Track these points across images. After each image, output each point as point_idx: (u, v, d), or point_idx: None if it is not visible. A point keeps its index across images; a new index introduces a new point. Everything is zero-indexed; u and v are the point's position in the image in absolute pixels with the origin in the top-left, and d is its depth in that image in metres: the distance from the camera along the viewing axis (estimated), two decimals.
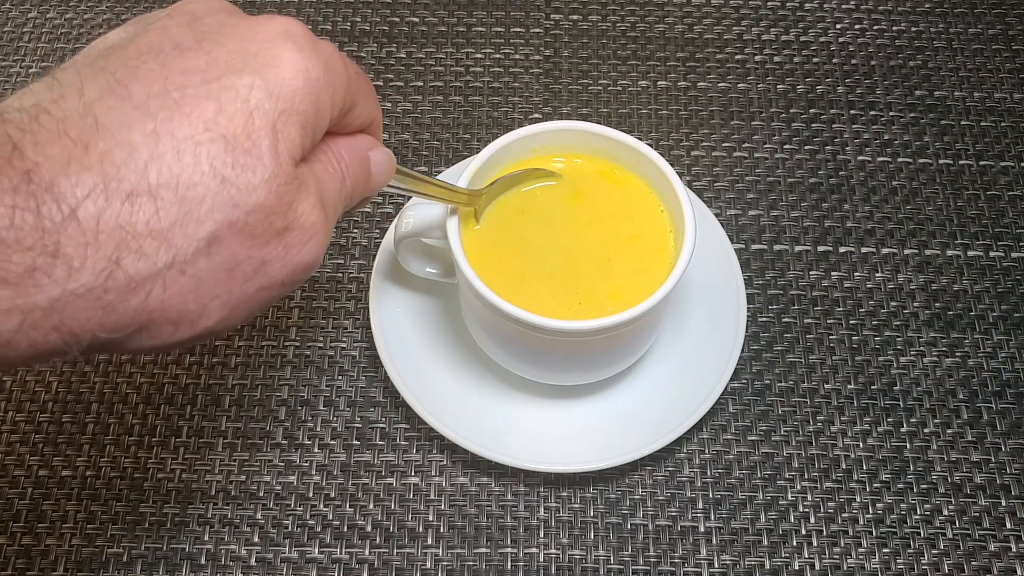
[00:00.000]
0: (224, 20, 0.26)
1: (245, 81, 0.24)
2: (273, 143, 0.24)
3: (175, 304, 0.24)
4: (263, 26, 0.26)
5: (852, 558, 0.41)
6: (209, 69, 0.24)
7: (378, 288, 0.45)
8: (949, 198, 0.51)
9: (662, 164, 0.40)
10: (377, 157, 0.30)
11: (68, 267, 0.22)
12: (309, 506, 0.42)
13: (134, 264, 0.23)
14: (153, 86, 0.24)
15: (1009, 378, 0.46)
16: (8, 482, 0.43)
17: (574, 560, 0.41)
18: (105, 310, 0.23)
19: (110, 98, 0.23)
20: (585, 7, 0.59)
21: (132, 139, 0.23)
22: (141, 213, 0.22)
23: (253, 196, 0.24)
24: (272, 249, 0.25)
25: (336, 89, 0.27)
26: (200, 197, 0.23)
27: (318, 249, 0.26)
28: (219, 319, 0.25)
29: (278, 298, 0.27)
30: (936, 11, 0.59)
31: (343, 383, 0.45)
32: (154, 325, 0.24)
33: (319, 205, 0.26)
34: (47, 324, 0.22)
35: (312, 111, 0.26)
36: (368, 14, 0.58)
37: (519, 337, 0.38)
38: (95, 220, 0.22)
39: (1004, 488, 0.43)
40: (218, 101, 0.24)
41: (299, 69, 0.25)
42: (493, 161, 0.40)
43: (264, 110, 0.24)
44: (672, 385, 0.43)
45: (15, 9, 0.58)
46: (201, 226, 0.23)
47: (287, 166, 0.25)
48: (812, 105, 0.55)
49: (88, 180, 0.22)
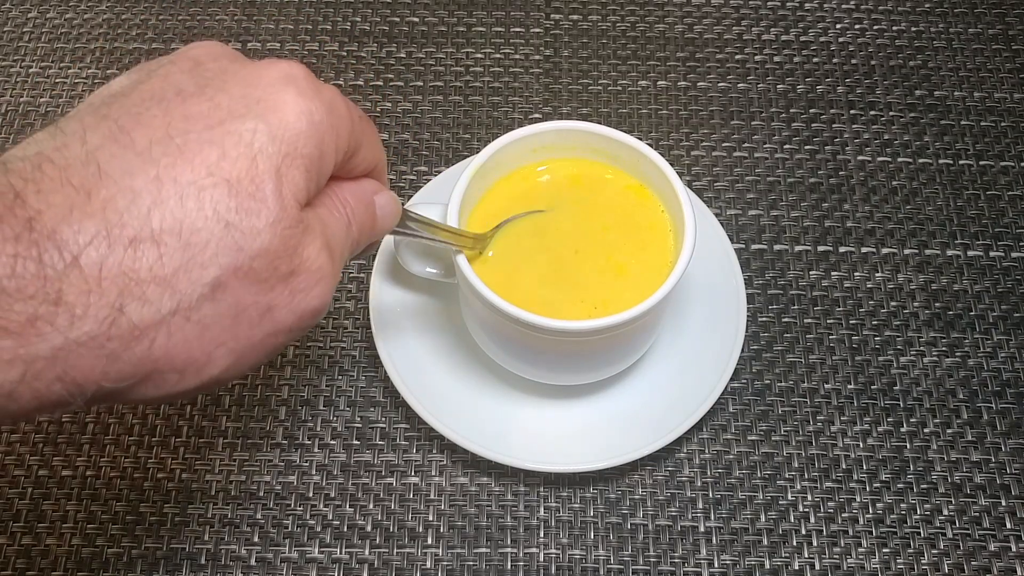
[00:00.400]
0: (227, 66, 0.26)
1: (248, 126, 0.24)
2: (277, 187, 0.24)
3: (180, 352, 0.24)
4: (266, 71, 0.26)
5: (852, 558, 0.41)
6: (212, 115, 0.24)
7: (378, 288, 0.45)
8: (949, 198, 0.51)
9: (662, 164, 0.40)
10: (382, 201, 0.30)
11: (71, 315, 0.22)
12: (309, 506, 0.42)
13: (138, 311, 0.22)
14: (156, 132, 0.23)
15: (1009, 378, 0.46)
16: (8, 482, 0.43)
17: (574, 560, 0.41)
18: (109, 359, 0.22)
19: (113, 145, 0.23)
20: (585, 7, 0.59)
21: (135, 185, 0.23)
22: (144, 259, 0.22)
23: (258, 240, 0.24)
24: (278, 294, 0.25)
25: (339, 132, 0.26)
26: (204, 242, 0.23)
27: (325, 294, 0.26)
28: (225, 367, 0.25)
29: (285, 345, 0.26)
30: (936, 11, 0.59)
31: (343, 383, 0.45)
32: (159, 374, 0.24)
33: (325, 249, 0.26)
34: (50, 374, 0.22)
35: (316, 154, 0.25)
36: (368, 14, 0.58)
37: (519, 337, 0.38)
38: (98, 267, 0.22)
39: (1004, 488, 0.43)
40: (221, 146, 0.24)
41: (302, 112, 0.25)
42: (493, 161, 0.40)
43: (267, 154, 0.24)
44: (672, 385, 0.43)
45: (15, 9, 0.58)
46: (205, 271, 0.23)
47: (292, 210, 0.24)
48: (812, 105, 0.55)
49: (90, 227, 0.22)
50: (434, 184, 0.48)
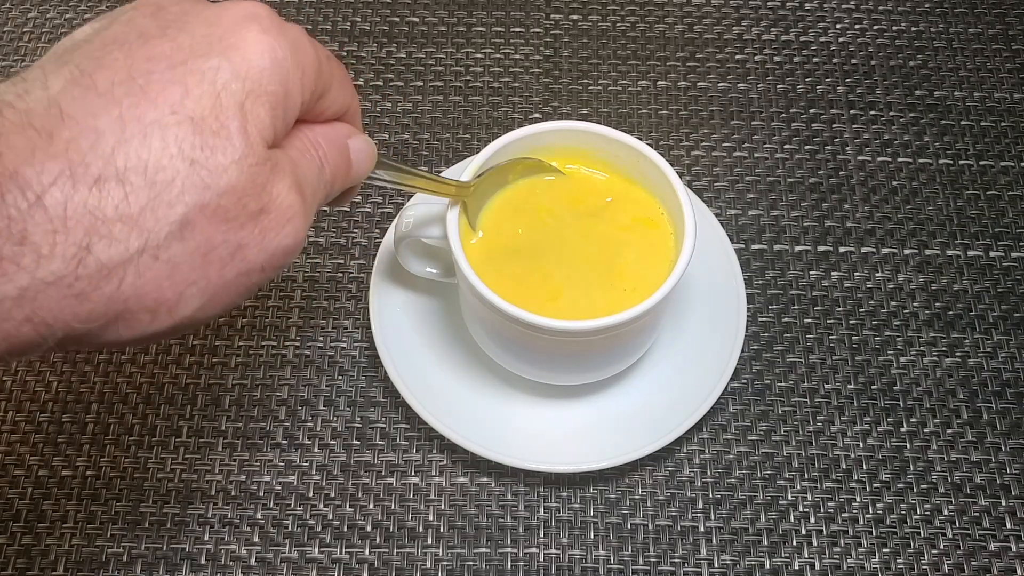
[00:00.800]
0: (188, 8, 0.26)
1: (211, 64, 0.24)
2: (242, 123, 0.24)
3: (150, 291, 0.24)
4: (227, 11, 0.26)
5: (852, 558, 0.41)
6: (174, 55, 0.24)
7: (378, 288, 0.45)
8: (949, 198, 0.51)
9: (662, 164, 0.40)
10: (356, 145, 0.30)
11: (36, 254, 0.22)
12: (309, 506, 0.42)
13: (105, 250, 0.22)
14: (118, 74, 0.23)
15: (1009, 378, 0.46)
16: (8, 482, 0.43)
17: (574, 560, 0.41)
18: (78, 298, 0.22)
19: (74, 88, 0.23)
20: (585, 7, 0.59)
21: (98, 126, 0.23)
22: (110, 198, 0.22)
23: (224, 177, 0.24)
24: (248, 232, 0.25)
25: (305, 71, 0.26)
26: (170, 180, 0.23)
27: (297, 232, 0.26)
28: (198, 306, 0.25)
29: (259, 284, 0.26)
30: (936, 11, 0.59)
31: (343, 383, 0.45)
32: (130, 314, 0.24)
33: (295, 188, 0.26)
34: (18, 315, 0.22)
35: (280, 91, 0.25)
36: (368, 14, 0.58)
37: (519, 337, 0.38)
38: (62, 206, 0.22)
39: (1004, 488, 0.43)
40: (184, 84, 0.24)
41: (265, 49, 0.25)
42: (493, 161, 0.40)
43: (231, 91, 0.24)
44: (672, 385, 0.43)
45: (15, 9, 0.58)
46: (172, 209, 0.23)
47: (258, 147, 0.24)
48: (812, 105, 0.55)
49: (53, 167, 0.22)
50: None
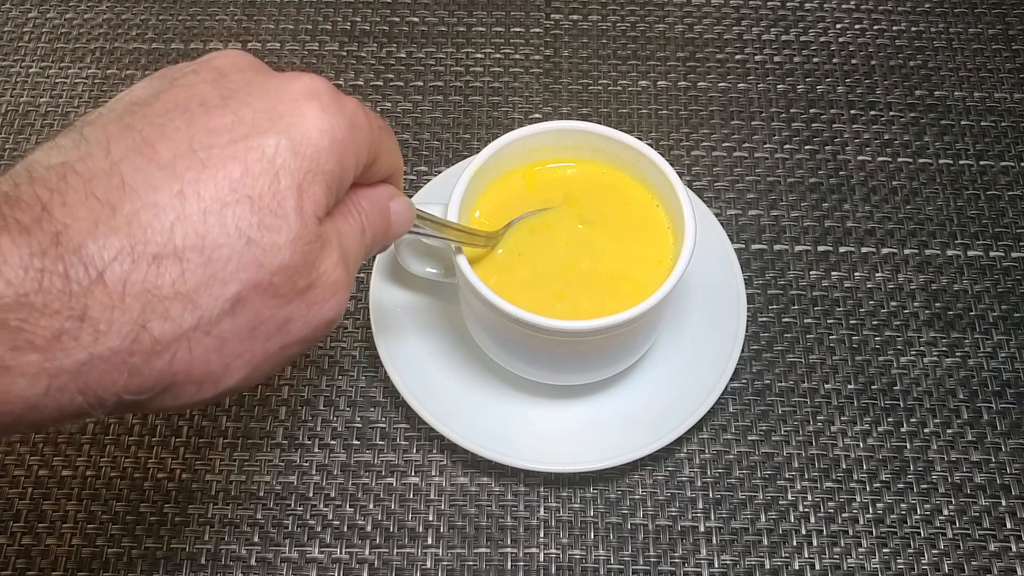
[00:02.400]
0: (251, 79, 0.26)
1: (271, 141, 0.24)
2: (299, 203, 0.24)
3: (199, 365, 0.24)
4: (289, 85, 0.26)
5: (852, 558, 0.41)
6: (235, 129, 0.24)
7: (378, 288, 0.45)
8: (949, 198, 0.51)
9: (662, 164, 0.40)
10: (397, 207, 0.30)
11: (95, 331, 0.22)
12: (309, 506, 0.42)
13: (160, 327, 0.23)
14: (179, 146, 0.23)
15: (1009, 378, 0.46)
16: (8, 482, 0.43)
17: (574, 560, 0.41)
18: (131, 372, 0.23)
19: (136, 158, 0.23)
20: (585, 7, 0.59)
21: (158, 200, 0.23)
22: (167, 275, 0.22)
23: (278, 257, 0.24)
24: (295, 307, 0.25)
25: (360, 147, 0.27)
26: (226, 258, 0.23)
27: (340, 305, 0.26)
28: (241, 378, 0.25)
29: (299, 355, 0.27)
30: (936, 11, 0.59)
31: (343, 383, 0.45)
32: (177, 386, 0.24)
33: (342, 262, 0.26)
34: (73, 387, 0.22)
35: (337, 170, 0.26)
36: (368, 14, 0.58)
37: (519, 337, 0.38)
38: (122, 283, 0.22)
39: (1004, 488, 0.43)
40: (244, 161, 0.24)
41: (324, 129, 0.25)
42: (493, 161, 0.40)
43: (290, 170, 0.24)
44: (672, 385, 0.43)
45: (15, 9, 0.58)
46: (226, 287, 0.23)
47: (312, 226, 0.25)
48: (812, 105, 0.55)
49: (115, 242, 0.22)
50: (434, 184, 0.48)
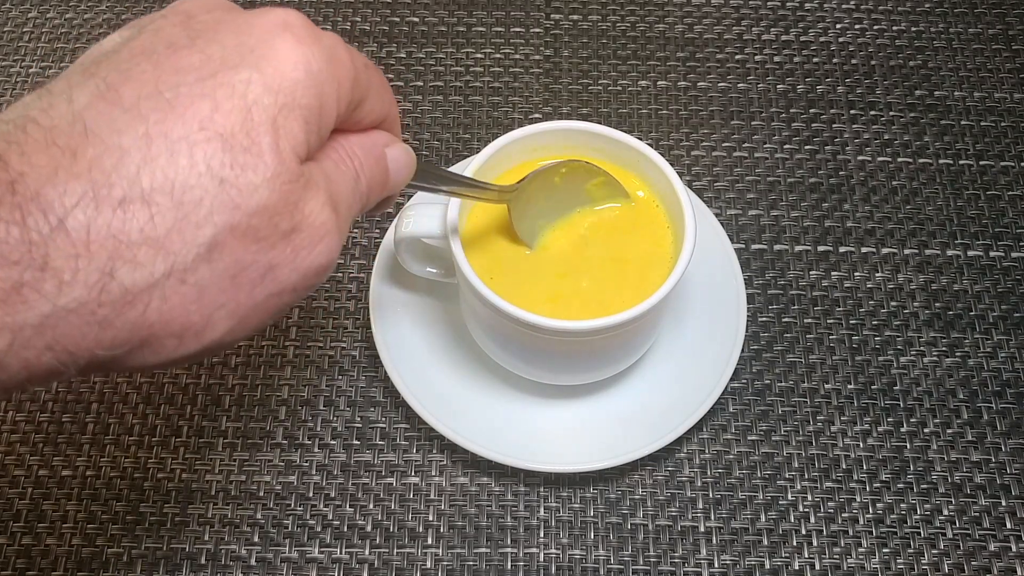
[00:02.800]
0: (220, 16, 0.25)
1: (242, 76, 0.23)
2: (274, 139, 0.23)
3: (177, 316, 0.23)
4: (260, 19, 0.24)
5: (852, 558, 0.41)
6: (204, 66, 0.23)
7: (378, 288, 0.45)
8: (949, 198, 0.51)
9: (662, 164, 0.40)
10: (394, 154, 0.28)
11: (58, 281, 0.21)
12: (309, 506, 0.42)
13: (129, 275, 0.21)
14: (145, 88, 0.22)
15: (1009, 378, 0.46)
16: (8, 482, 0.43)
17: (574, 560, 0.41)
18: (101, 325, 0.21)
19: (100, 103, 0.22)
20: (585, 7, 0.59)
21: (123, 143, 0.22)
22: (134, 220, 0.21)
23: (255, 196, 0.23)
24: (279, 252, 0.24)
25: (341, 81, 0.25)
26: (197, 200, 0.22)
27: (330, 251, 0.25)
28: (226, 330, 0.24)
29: (291, 305, 0.25)
30: (936, 11, 0.59)
31: (343, 383, 0.45)
32: (156, 339, 0.23)
33: (329, 204, 0.25)
34: (39, 343, 0.21)
35: (315, 104, 0.24)
36: (368, 14, 0.58)
37: (519, 337, 0.38)
38: (85, 230, 0.21)
39: (1004, 488, 0.43)
40: (213, 98, 0.22)
41: (299, 61, 0.24)
42: (493, 161, 0.40)
43: (263, 105, 0.23)
44: (672, 385, 0.43)
45: (15, 9, 0.58)
46: (200, 231, 0.22)
47: (290, 163, 0.23)
48: (812, 105, 0.55)
49: (76, 188, 0.21)
50: None
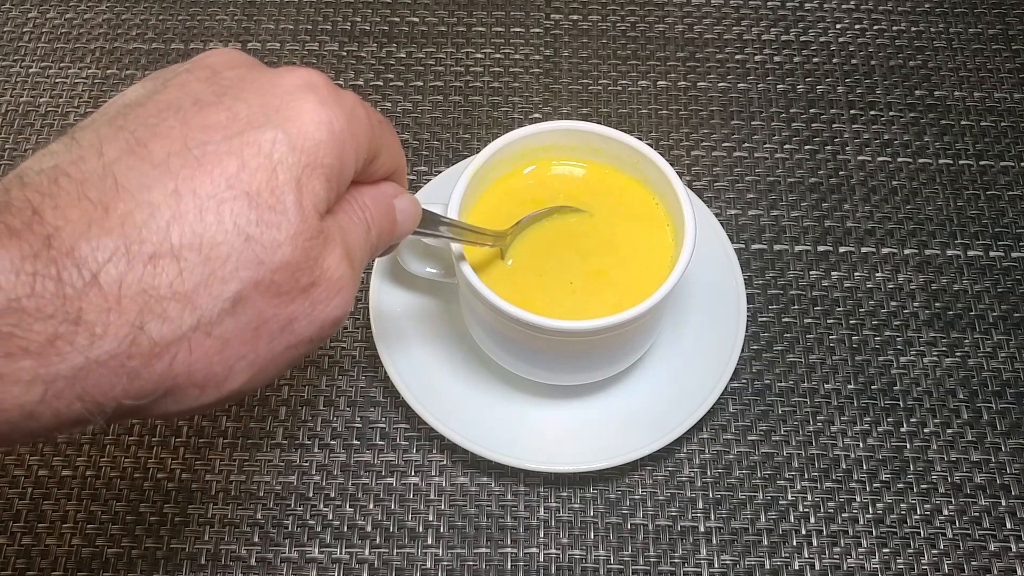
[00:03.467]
0: (244, 74, 0.25)
1: (267, 136, 0.24)
2: (298, 198, 0.24)
3: (201, 367, 0.23)
4: (284, 79, 0.25)
5: (852, 558, 0.41)
6: (230, 125, 0.24)
7: (378, 288, 0.45)
8: (949, 198, 0.51)
9: (662, 164, 0.40)
10: (402, 205, 0.30)
11: (91, 334, 0.21)
12: (309, 506, 0.42)
13: (158, 328, 0.22)
14: (173, 144, 0.23)
15: (1009, 378, 0.46)
16: (8, 482, 0.43)
17: (574, 560, 0.41)
18: (129, 377, 0.22)
19: (129, 158, 0.23)
20: (585, 7, 0.59)
21: (153, 199, 0.22)
22: (164, 275, 0.22)
23: (279, 253, 0.23)
24: (299, 306, 0.25)
25: (360, 140, 0.26)
26: (224, 256, 0.23)
27: (345, 303, 0.26)
28: (246, 380, 0.25)
29: (305, 355, 0.26)
30: (936, 11, 0.59)
31: (343, 383, 0.45)
32: (179, 390, 0.23)
33: (345, 258, 0.26)
34: (70, 394, 0.21)
35: (337, 164, 0.25)
36: (368, 14, 0.58)
37: (519, 337, 0.38)
38: (117, 285, 0.21)
39: (1004, 488, 0.43)
40: (240, 157, 0.23)
41: (322, 122, 0.25)
42: (493, 161, 0.40)
43: (288, 164, 0.24)
44: (672, 385, 0.43)
45: (15, 9, 0.58)
46: (226, 286, 0.23)
47: (312, 221, 0.24)
48: (812, 105, 0.55)
49: (109, 243, 0.21)
50: (434, 184, 0.48)
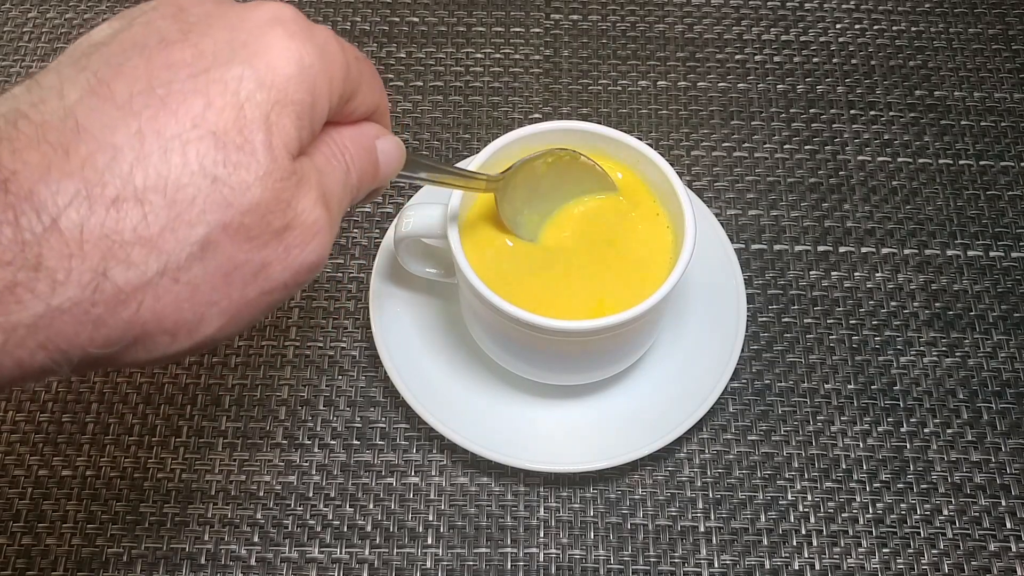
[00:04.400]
0: (211, 10, 0.24)
1: (234, 72, 0.23)
2: (267, 137, 0.23)
3: (170, 314, 0.22)
4: (251, 13, 0.24)
5: (852, 558, 0.41)
6: (196, 62, 0.23)
7: (378, 288, 0.45)
8: (949, 198, 0.51)
9: (662, 164, 0.40)
10: (384, 146, 0.28)
11: (52, 281, 0.20)
12: (309, 506, 0.42)
13: (123, 274, 0.21)
14: (137, 84, 0.22)
15: (1009, 378, 0.46)
16: (8, 482, 0.43)
17: (574, 560, 0.41)
18: (94, 324, 0.21)
19: (91, 99, 0.22)
20: (585, 7, 0.59)
21: (115, 141, 0.21)
22: (128, 219, 0.21)
23: (247, 195, 0.22)
24: (272, 250, 0.24)
25: (334, 76, 0.25)
26: (191, 199, 0.22)
27: (322, 248, 0.25)
28: (219, 327, 0.24)
29: (282, 301, 0.25)
30: (936, 11, 0.59)
31: (343, 383, 0.45)
32: (148, 337, 0.23)
33: (321, 201, 0.25)
34: (32, 342, 0.21)
35: (308, 100, 0.24)
36: (368, 14, 0.58)
37: (519, 337, 0.38)
38: (78, 229, 0.21)
39: (1004, 488, 0.43)
40: (206, 95, 0.22)
41: (291, 56, 0.24)
42: (493, 161, 0.40)
43: (255, 101, 0.23)
44: (672, 385, 0.43)
45: (15, 9, 0.58)
46: (193, 229, 0.22)
47: (283, 161, 0.23)
48: (812, 105, 0.55)
49: (70, 187, 0.21)
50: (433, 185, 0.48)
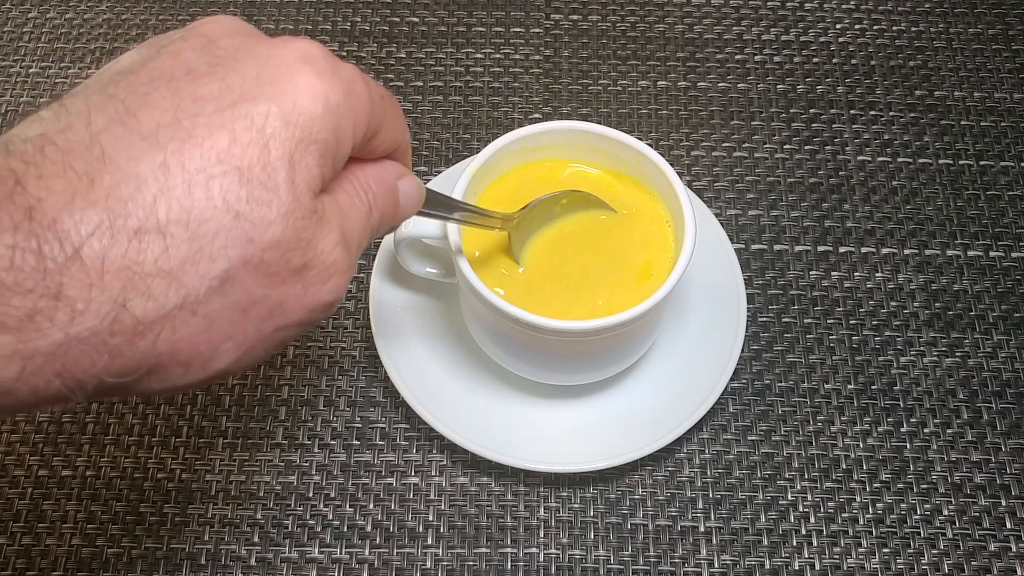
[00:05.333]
0: (240, 44, 0.25)
1: (260, 109, 0.23)
2: (290, 175, 0.23)
3: (185, 347, 0.23)
4: (280, 49, 0.24)
5: (852, 558, 0.41)
6: (223, 96, 0.23)
7: (378, 288, 0.45)
8: (949, 198, 0.51)
9: (662, 164, 0.40)
10: (405, 187, 0.29)
11: (71, 310, 0.21)
12: (309, 506, 0.42)
13: (142, 306, 0.21)
14: (164, 115, 0.22)
15: (1009, 378, 0.46)
16: (8, 482, 0.43)
17: (574, 560, 0.41)
18: (111, 354, 0.21)
19: (118, 128, 0.22)
20: (585, 7, 0.59)
21: (140, 172, 0.21)
22: (149, 251, 0.21)
23: (269, 232, 0.23)
24: (290, 288, 0.24)
25: (358, 115, 0.25)
26: (212, 233, 0.22)
27: (339, 288, 0.25)
28: (232, 360, 0.24)
29: (295, 338, 0.26)
30: (936, 11, 0.59)
31: (343, 383, 0.45)
32: (163, 368, 0.23)
33: (341, 243, 0.25)
34: (49, 370, 0.21)
35: (332, 140, 0.24)
36: (368, 14, 0.58)
37: (519, 337, 0.38)
38: (100, 260, 0.21)
39: (1004, 488, 0.43)
40: (232, 130, 0.23)
41: (318, 95, 0.24)
42: (493, 161, 0.40)
43: (281, 139, 0.23)
44: (672, 385, 0.43)
45: (15, 9, 0.58)
46: (214, 264, 0.22)
47: (305, 199, 0.23)
48: (812, 105, 0.55)
49: (93, 217, 0.21)
50: (434, 184, 0.48)
